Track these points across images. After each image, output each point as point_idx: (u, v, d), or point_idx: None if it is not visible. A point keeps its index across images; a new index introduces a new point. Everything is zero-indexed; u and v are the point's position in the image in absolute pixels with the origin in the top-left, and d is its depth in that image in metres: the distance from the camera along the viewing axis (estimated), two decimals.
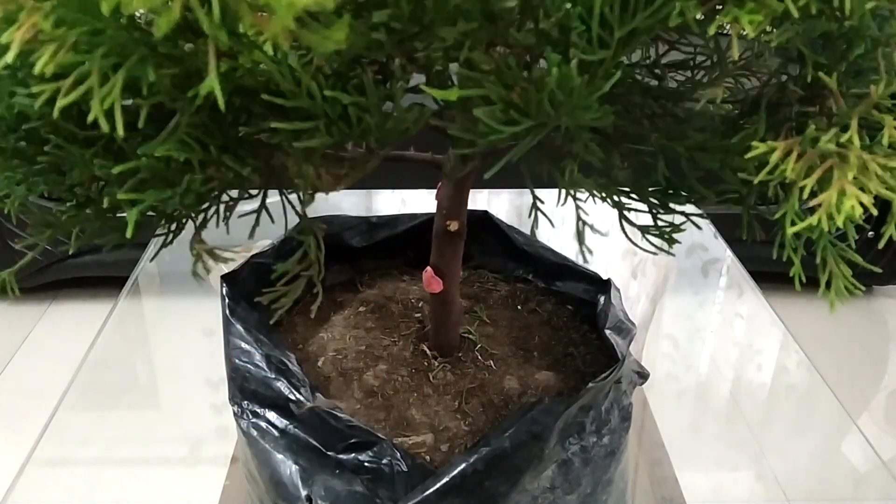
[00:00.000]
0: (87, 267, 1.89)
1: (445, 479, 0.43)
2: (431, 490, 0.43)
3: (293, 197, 0.48)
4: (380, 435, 0.45)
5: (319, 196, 0.44)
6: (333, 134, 0.34)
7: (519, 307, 0.61)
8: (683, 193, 0.42)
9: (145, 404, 0.97)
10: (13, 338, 1.85)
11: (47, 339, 1.85)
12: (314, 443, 0.47)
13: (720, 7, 0.28)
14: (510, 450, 0.44)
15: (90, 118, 0.26)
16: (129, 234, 0.34)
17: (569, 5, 0.29)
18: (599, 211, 0.45)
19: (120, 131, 0.26)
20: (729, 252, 1.07)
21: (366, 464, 0.45)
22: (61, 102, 0.26)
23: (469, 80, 0.31)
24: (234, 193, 0.42)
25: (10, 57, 0.24)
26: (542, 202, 0.45)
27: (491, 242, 0.65)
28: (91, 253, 1.87)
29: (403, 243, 0.64)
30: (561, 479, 0.48)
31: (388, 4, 0.29)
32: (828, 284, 0.34)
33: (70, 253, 0.44)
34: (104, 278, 1.87)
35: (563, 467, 0.48)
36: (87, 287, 1.93)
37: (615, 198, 0.42)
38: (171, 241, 0.44)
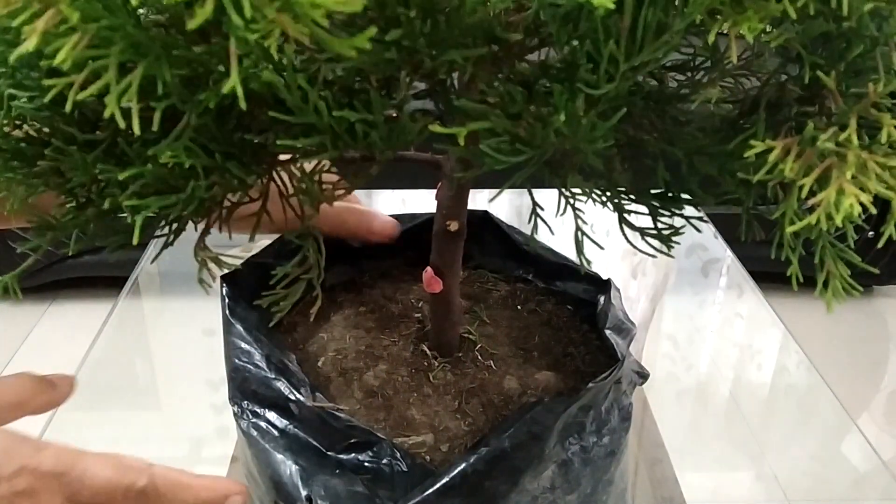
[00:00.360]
0: (87, 267, 1.89)
1: (445, 480, 0.43)
2: (431, 490, 0.43)
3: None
4: (380, 435, 0.45)
5: None
6: (339, 147, 0.34)
7: (519, 307, 0.61)
8: (684, 196, 0.42)
9: (145, 404, 0.97)
10: (13, 338, 1.85)
11: (47, 339, 1.85)
12: (314, 443, 0.47)
13: (719, 7, 0.28)
14: (510, 450, 0.44)
15: (107, 113, 0.26)
16: (135, 240, 0.34)
17: (575, 42, 0.30)
18: (599, 211, 0.45)
19: (136, 129, 0.26)
20: (729, 252, 1.07)
21: (366, 464, 0.45)
22: (78, 97, 0.26)
23: (475, 114, 0.31)
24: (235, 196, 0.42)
25: (31, 45, 0.24)
26: (542, 209, 0.45)
27: (491, 242, 0.65)
28: (91, 253, 1.87)
29: (403, 243, 0.64)
30: (561, 480, 0.48)
31: (401, 24, 0.29)
32: (826, 284, 0.34)
33: (70, 254, 0.44)
34: (104, 278, 1.87)
35: (563, 467, 0.48)
36: (87, 287, 1.94)
37: (615, 201, 0.42)
38: (172, 243, 0.44)
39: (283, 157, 0.42)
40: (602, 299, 0.57)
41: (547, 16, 0.30)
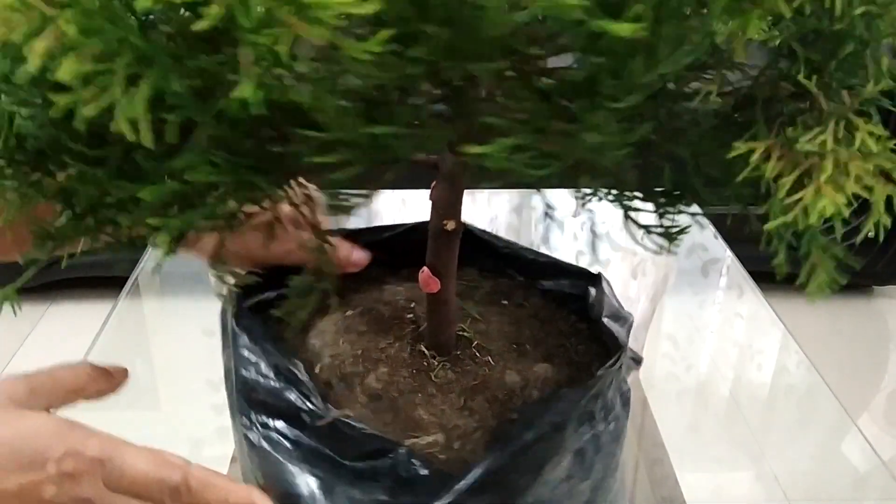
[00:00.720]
0: (87, 267, 1.89)
1: (472, 479, 0.43)
2: (461, 489, 0.43)
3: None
4: (395, 441, 0.45)
5: None
6: (366, 161, 0.34)
7: (506, 302, 0.61)
8: (690, 195, 0.42)
9: (145, 404, 0.97)
10: (13, 338, 1.85)
11: (47, 339, 1.85)
12: (330, 453, 0.47)
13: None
14: (532, 442, 0.44)
15: (115, 127, 0.25)
16: (160, 260, 0.34)
17: (601, 59, 0.30)
18: (598, 212, 0.45)
19: (148, 143, 0.26)
20: (729, 252, 1.07)
21: (385, 471, 0.45)
22: (86, 112, 0.25)
23: (502, 130, 0.31)
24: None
25: (33, 66, 0.24)
26: (553, 208, 0.45)
27: (470, 251, 0.63)
28: (91, 253, 1.87)
29: (384, 249, 0.63)
30: (577, 468, 0.48)
31: (422, 40, 0.29)
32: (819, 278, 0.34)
33: (63, 266, 0.44)
34: (104, 278, 1.87)
35: (578, 456, 0.48)
36: (87, 287, 1.94)
37: (622, 199, 0.42)
38: (175, 251, 0.43)
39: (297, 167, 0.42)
40: (593, 291, 0.57)
41: (567, 33, 0.30)
